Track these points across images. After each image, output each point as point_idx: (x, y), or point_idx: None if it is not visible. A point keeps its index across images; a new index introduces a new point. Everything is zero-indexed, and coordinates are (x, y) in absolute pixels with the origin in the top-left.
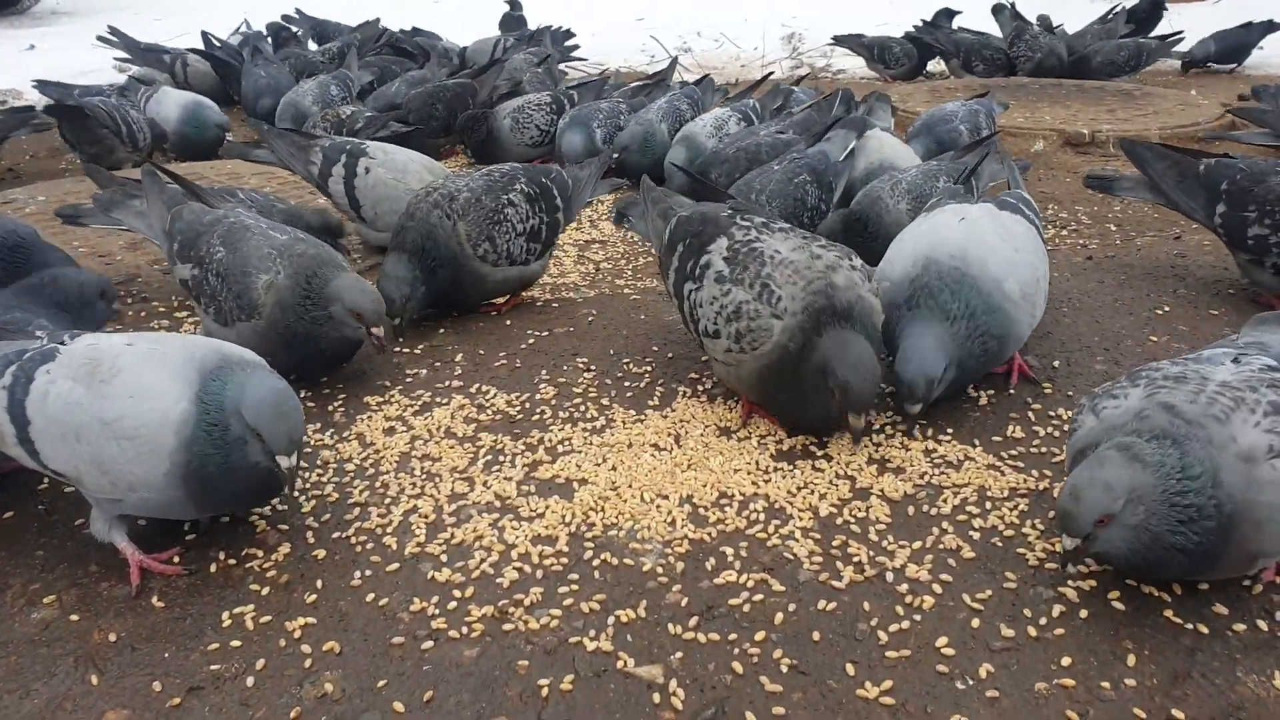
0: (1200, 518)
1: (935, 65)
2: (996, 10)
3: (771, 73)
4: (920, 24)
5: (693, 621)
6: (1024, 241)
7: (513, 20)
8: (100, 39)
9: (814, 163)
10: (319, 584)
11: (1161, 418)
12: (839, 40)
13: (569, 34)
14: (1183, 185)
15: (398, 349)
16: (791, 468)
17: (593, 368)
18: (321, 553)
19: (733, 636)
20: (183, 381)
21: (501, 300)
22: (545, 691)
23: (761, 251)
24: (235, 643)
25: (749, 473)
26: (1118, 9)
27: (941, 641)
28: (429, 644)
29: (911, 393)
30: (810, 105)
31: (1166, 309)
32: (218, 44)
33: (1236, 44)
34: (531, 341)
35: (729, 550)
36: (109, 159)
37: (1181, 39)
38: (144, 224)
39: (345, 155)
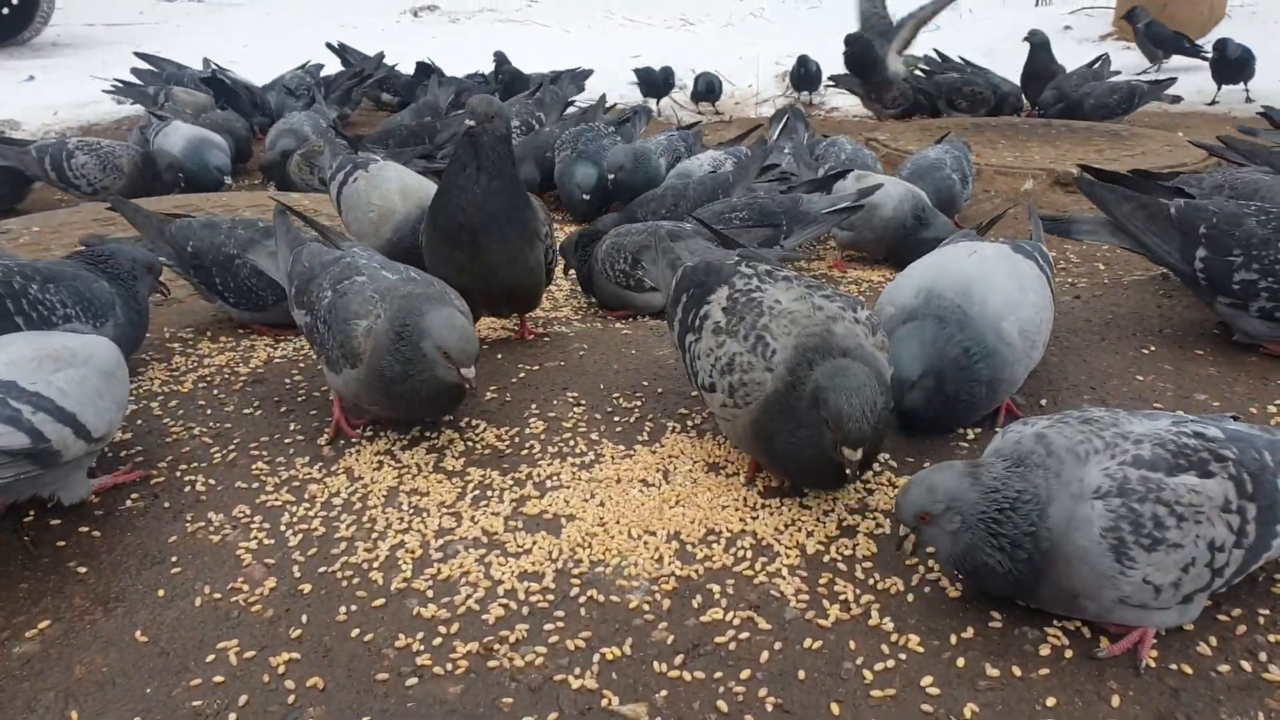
0: (1014, 547)
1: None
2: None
3: (761, 124)
4: (918, 65)
5: (678, 659)
6: (1031, 283)
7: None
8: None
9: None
10: (304, 619)
11: (1028, 445)
12: (836, 80)
13: (586, 74)
14: (1154, 228)
15: None
16: (779, 504)
17: (582, 402)
18: (307, 587)
19: (718, 675)
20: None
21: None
22: None
23: (760, 301)
24: (218, 678)
25: (737, 509)
26: (1104, 55)
27: (927, 680)
28: (413, 680)
29: None
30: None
31: (1152, 348)
32: (227, 78)
33: (1243, 59)
34: (522, 375)
35: (716, 587)
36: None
37: (1174, 81)
38: (273, 265)
39: (353, 164)
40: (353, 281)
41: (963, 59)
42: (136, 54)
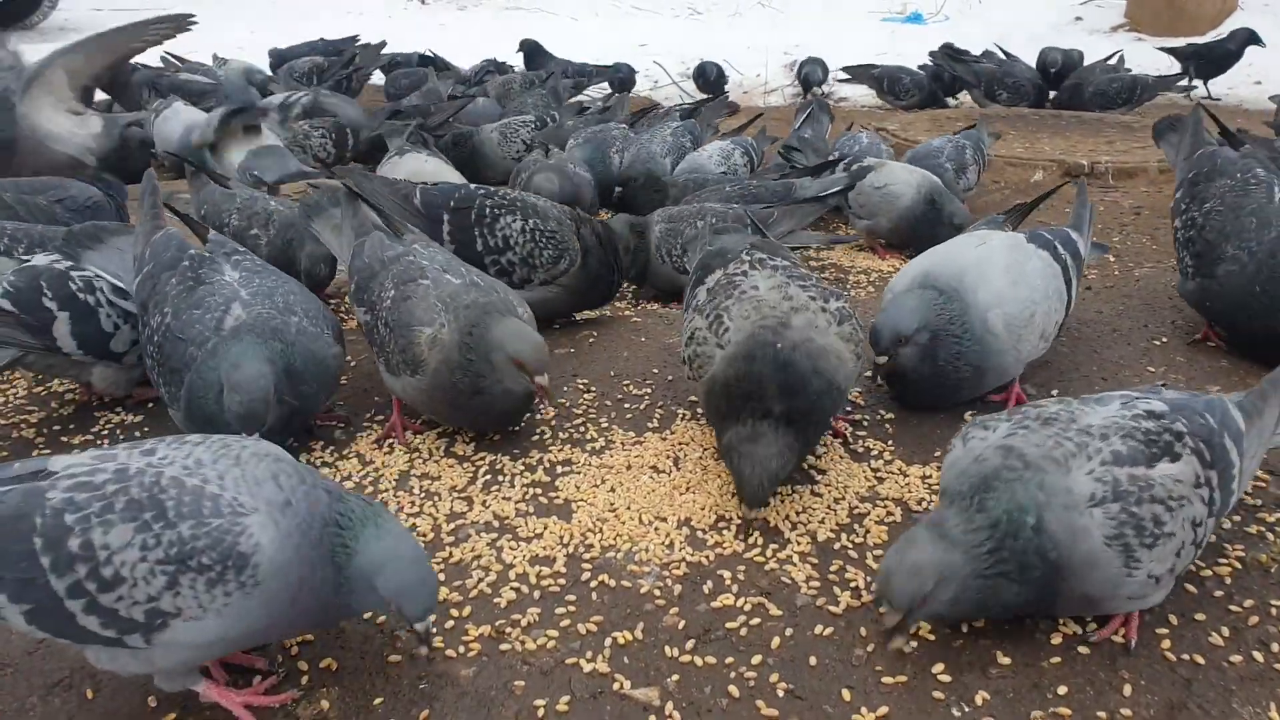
0: (1026, 568)
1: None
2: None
3: (761, 113)
4: (947, 52)
5: (689, 644)
6: (1032, 278)
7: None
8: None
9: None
10: None
11: (995, 462)
12: (847, 70)
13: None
14: (1186, 166)
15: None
16: (790, 492)
17: (592, 389)
18: None
19: (729, 660)
20: None
21: None
22: (541, 712)
23: (739, 285)
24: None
25: None
26: (1120, 52)
27: (938, 667)
28: (426, 663)
29: (875, 342)
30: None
31: (1164, 339)
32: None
33: (1219, 56)
34: None
35: (726, 573)
36: None
37: (1180, 77)
38: (336, 243)
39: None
40: (417, 284)
41: (987, 56)
42: (164, 55)
